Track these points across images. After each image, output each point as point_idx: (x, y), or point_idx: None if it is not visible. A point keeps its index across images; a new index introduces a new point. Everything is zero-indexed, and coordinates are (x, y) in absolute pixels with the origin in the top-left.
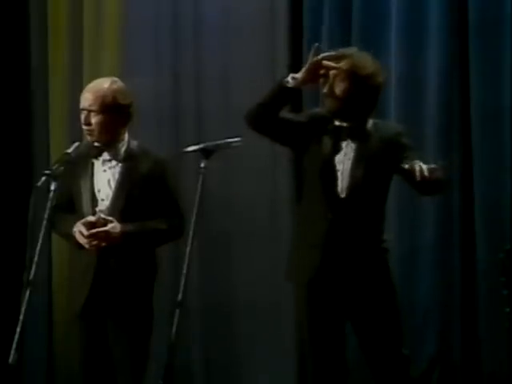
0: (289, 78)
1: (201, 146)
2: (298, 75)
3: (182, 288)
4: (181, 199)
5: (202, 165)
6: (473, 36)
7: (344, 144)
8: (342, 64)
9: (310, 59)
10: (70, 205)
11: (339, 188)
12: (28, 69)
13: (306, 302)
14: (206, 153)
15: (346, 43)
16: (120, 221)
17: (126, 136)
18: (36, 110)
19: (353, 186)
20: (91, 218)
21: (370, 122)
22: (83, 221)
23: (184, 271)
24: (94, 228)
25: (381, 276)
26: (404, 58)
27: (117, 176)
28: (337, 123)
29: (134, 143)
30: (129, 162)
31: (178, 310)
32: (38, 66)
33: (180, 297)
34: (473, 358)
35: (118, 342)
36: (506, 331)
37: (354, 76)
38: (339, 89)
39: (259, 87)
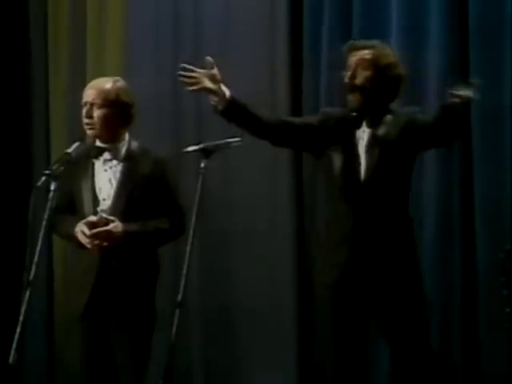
0: (214, 103)
1: (201, 145)
2: (214, 98)
3: (182, 288)
4: (181, 198)
5: (202, 165)
6: (473, 36)
7: (363, 138)
8: (366, 53)
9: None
10: (71, 206)
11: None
12: (28, 69)
13: (332, 304)
14: (205, 153)
15: None
16: (122, 220)
17: (127, 136)
18: (36, 110)
19: (370, 175)
20: (93, 218)
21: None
22: (85, 221)
23: (184, 271)
24: (96, 228)
25: (410, 267)
26: (404, 57)
27: (118, 175)
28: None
29: (135, 143)
30: (129, 161)
31: (177, 310)
32: (38, 66)
33: (180, 297)
34: (473, 357)
35: (120, 342)
36: (505, 331)
37: (375, 65)
38: (361, 77)
39: (259, 87)
